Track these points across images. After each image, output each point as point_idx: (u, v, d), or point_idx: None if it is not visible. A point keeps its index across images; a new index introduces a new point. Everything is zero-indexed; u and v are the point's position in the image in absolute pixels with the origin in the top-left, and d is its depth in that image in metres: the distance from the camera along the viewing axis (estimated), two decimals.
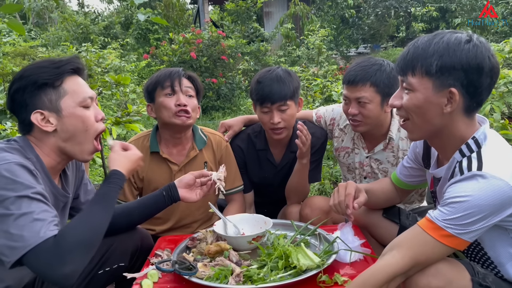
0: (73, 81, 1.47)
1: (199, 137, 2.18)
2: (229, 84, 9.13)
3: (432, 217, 1.26)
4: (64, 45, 10.65)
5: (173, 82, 2.03)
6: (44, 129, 1.41)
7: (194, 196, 1.76)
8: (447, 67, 1.26)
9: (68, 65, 1.46)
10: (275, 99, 2.10)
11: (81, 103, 1.46)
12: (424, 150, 1.65)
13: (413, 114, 1.36)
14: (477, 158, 1.27)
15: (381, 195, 1.85)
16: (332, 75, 8.61)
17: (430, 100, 1.31)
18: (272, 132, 2.19)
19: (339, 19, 17.80)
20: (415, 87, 1.32)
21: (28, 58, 8.49)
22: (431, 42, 1.30)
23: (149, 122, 6.79)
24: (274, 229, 1.75)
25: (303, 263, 1.42)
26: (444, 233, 1.23)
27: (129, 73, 8.31)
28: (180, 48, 8.98)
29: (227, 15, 13.38)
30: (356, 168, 2.31)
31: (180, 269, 1.42)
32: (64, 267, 1.22)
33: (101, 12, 18.16)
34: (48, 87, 1.41)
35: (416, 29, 14.94)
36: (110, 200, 1.45)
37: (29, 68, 1.46)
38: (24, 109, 1.42)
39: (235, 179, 2.26)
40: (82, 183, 1.72)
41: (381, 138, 2.19)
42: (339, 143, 2.36)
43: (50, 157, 1.46)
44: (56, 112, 1.42)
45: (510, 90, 3.29)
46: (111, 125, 3.15)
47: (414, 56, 1.32)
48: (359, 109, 2.04)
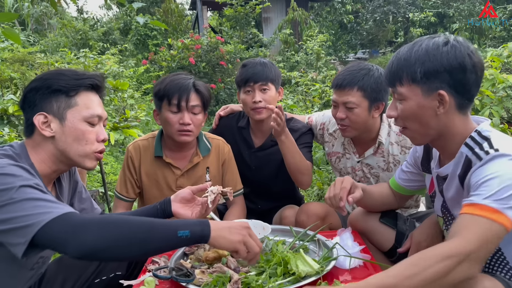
0: (87, 96, 1.46)
1: (203, 144, 2.19)
2: (227, 90, 9.14)
3: (472, 201, 1.21)
4: (63, 51, 10.65)
5: (181, 100, 2.00)
6: (43, 132, 1.40)
7: (188, 214, 1.69)
8: (430, 71, 1.31)
9: (88, 80, 1.46)
10: (257, 79, 2.24)
11: (87, 119, 1.45)
12: (424, 154, 1.65)
13: (409, 121, 1.41)
14: (489, 145, 1.28)
15: (378, 198, 1.84)
16: (330, 80, 8.64)
17: (422, 105, 1.35)
18: (253, 112, 2.26)
19: (337, 25, 17.88)
20: (405, 95, 1.37)
21: (27, 64, 8.48)
22: (411, 50, 1.35)
23: (147, 128, 6.78)
24: (272, 235, 1.73)
25: (302, 269, 1.40)
26: (490, 209, 1.17)
27: (127, 79, 8.31)
28: (178, 53, 9.00)
29: (225, 21, 13.44)
30: (348, 173, 2.31)
31: (177, 276, 1.39)
32: (81, 237, 1.10)
33: (100, 18, 18.19)
34: (61, 94, 1.41)
35: (414, 34, 15.00)
36: (165, 226, 1.21)
37: (50, 72, 1.47)
38: (32, 108, 1.41)
39: (236, 183, 2.27)
40: (77, 191, 1.69)
41: (371, 143, 2.20)
42: (329, 148, 2.37)
43: (45, 163, 1.43)
44: (60, 120, 1.41)
45: (509, 94, 3.29)
46: (109, 130, 3.14)
47: (399, 67, 1.37)
48: (347, 114, 2.05)
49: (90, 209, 1.73)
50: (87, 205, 1.71)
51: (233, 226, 1.29)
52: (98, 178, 4.81)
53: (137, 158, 2.15)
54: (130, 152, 2.16)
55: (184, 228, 1.20)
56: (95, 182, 4.77)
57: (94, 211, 1.74)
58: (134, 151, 2.15)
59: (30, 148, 1.42)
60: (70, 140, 1.42)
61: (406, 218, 1.89)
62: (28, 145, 1.43)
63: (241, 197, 2.30)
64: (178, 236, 1.19)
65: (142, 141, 2.18)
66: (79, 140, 1.43)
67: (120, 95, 5.49)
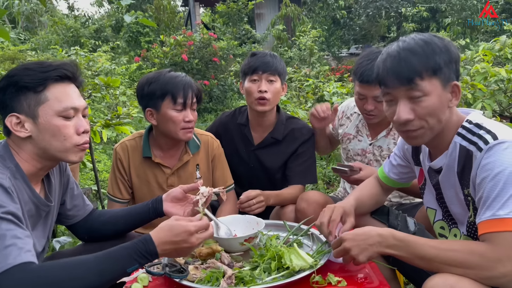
0: (58, 89, 1.37)
1: (192, 141, 2.16)
2: (221, 86, 9.11)
3: (495, 216, 1.18)
4: (54, 49, 10.56)
5: (186, 98, 1.98)
6: (17, 134, 1.34)
7: (179, 213, 1.67)
8: (446, 62, 1.29)
9: (55, 71, 1.36)
10: (266, 68, 2.23)
11: (60, 113, 1.36)
12: (413, 147, 1.64)
13: (429, 119, 1.31)
14: (486, 132, 1.28)
15: (370, 202, 1.83)
16: (324, 76, 8.64)
17: (442, 98, 1.30)
18: (257, 102, 2.24)
19: (330, 20, 17.86)
20: (427, 90, 1.28)
21: (18, 62, 8.39)
22: (416, 44, 1.30)
23: (140, 125, 6.74)
24: (266, 230, 1.73)
25: (296, 263, 1.39)
26: None
27: (120, 76, 8.24)
28: (171, 50, 8.95)
29: (218, 17, 13.39)
30: (357, 155, 2.35)
31: (170, 272, 1.38)
32: None
33: (91, 16, 18.07)
34: (29, 91, 1.33)
35: (407, 29, 15.02)
36: (113, 267, 1.22)
37: (16, 68, 1.38)
38: (4, 110, 1.36)
39: (227, 178, 2.26)
40: (68, 187, 1.65)
41: (384, 126, 2.25)
42: (343, 129, 2.42)
43: (29, 163, 1.38)
44: (32, 118, 1.34)
45: (501, 88, 3.31)
46: (101, 127, 3.11)
47: (415, 60, 1.28)
48: (376, 105, 2.09)
49: (82, 206, 1.71)
50: (79, 201, 1.70)
51: (178, 246, 1.29)
52: (91, 176, 4.78)
53: (126, 159, 2.12)
54: (118, 153, 2.12)
55: (130, 264, 1.23)
56: (88, 180, 4.74)
57: (85, 208, 1.72)
58: (122, 152, 2.12)
59: (12, 148, 1.38)
60: (47, 138, 1.36)
61: (398, 213, 1.89)
62: (10, 144, 1.38)
63: (232, 192, 2.29)
64: (127, 272, 1.23)
65: (129, 141, 2.15)
66: (57, 136, 1.36)
67: (112, 92, 5.44)
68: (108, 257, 1.22)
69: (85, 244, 1.77)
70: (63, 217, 1.67)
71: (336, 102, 4.26)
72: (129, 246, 1.25)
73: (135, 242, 1.26)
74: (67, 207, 1.66)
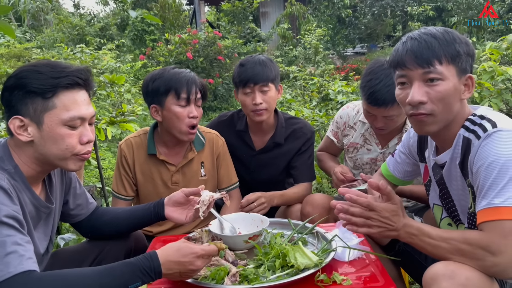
0: (68, 96, 1.32)
1: (197, 138, 2.15)
2: (225, 85, 9.10)
3: (490, 204, 1.19)
4: (59, 47, 10.59)
5: (190, 93, 1.96)
6: (19, 137, 1.30)
7: (182, 217, 1.66)
8: (465, 53, 1.31)
9: (66, 79, 1.31)
10: (258, 80, 2.15)
11: (66, 122, 1.32)
12: (418, 143, 1.63)
13: (440, 105, 1.31)
14: (488, 121, 1.28)
15: None
16: (329, 75, 8.61)
17: (456, 87, 1.31)
18: (253, 114, 2.20)
19: (335, 19, 17.83)
20: (445, 75, 1.29)
21: (23, 60, 8.44)
22: (441, 31, 1.33)
23: (145, 123, 6.75)
24: (271, 228, 1.72)
25: (301, 262, 1.38)
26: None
27: (125, 74, 8.26)
28: (176, 48, 8.95)
29: (223, 16, 13.39)
30: (366, 164, 2.29)
31: None
32: None
33: (96, 14, 18.08)
34: (37, 96, 1.29)
35: (412, 28, 14.95)
36: (115, 283, 1.20)
37: (26, 68, 1.33)
38: (9, 109, 1.32)
39: (231, 176, 2.25)
40: (71, 186, 1.63)
41: (395, 133, 2.19)
42: (348, 139, 2.35)
43: (29, 166, 1.35)
44: (37, 123, 1.30)
45: (508, 87, 3.28)
46: (106, 125, 3.11)
47: (436, 45, 1.30)
48: (385, 122, 2.04)
49: (85, 204, 1.70)
50: (82, 200, 1.69)
51: (184, 267, 1.28)
52: (95, 173, 4.79)
53: (130, 155, 2.12)
54: (123, 150, 2.12)
55: (133, 281, 1.21)
56: (92, 177, 4.75)
57: (89, 206, 1.72)
58: (127, 149, 2.12)
59: (12, 148, 1.35)
60: (49, 145, 1.32)
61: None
62: (10, 145, 1.35)
63: (237, 191, 2.28)
64: None
65: (134, 138, 2.14)
66: (59, 145, 1.32)
67: (116, 90, 5.45)
68: (110, 272, 1.21)
69: (89, 241, 1.77)
70: (67, 216, 1.66)
71: (341, 101, 4.24)
72: (133, 262, 1.24)
73: (140, 259, 1.25)
74: (70, 206, 1.64)
